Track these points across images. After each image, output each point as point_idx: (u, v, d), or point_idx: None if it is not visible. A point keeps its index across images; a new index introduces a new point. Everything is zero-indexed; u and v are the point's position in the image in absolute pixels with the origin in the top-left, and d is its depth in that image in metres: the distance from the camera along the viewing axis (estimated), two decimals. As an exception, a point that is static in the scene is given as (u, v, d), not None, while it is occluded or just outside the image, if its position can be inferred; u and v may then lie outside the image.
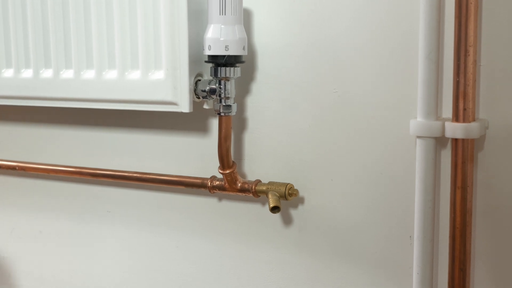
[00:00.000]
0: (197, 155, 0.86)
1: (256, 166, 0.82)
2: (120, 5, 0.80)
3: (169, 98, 0.78)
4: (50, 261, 1.03)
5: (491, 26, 0.66)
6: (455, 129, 0.66)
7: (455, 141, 0.67)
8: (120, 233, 0.96)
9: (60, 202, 1.00)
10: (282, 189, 0.77)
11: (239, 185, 0.80)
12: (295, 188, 0.79)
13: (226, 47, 0.74)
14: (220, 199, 0.86)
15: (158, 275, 0.93)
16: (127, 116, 0.91)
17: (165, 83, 0.78)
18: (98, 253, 0.98)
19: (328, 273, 0.79)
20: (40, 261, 1.04)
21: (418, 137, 0.69)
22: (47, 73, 0.87)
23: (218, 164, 0.80)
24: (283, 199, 0.77)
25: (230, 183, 0.80)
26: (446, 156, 0.70)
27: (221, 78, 0.76)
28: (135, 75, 0.81)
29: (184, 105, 0.77)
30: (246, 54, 0.76)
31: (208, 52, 0.75)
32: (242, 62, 0.76)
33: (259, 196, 0.80)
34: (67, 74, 0.86)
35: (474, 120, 0.66)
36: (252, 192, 0.79)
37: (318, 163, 0.78)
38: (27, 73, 0.88)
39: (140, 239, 0.94)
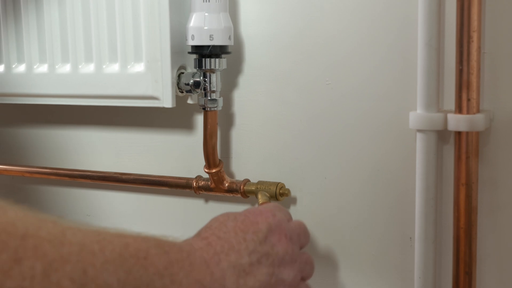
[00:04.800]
0: (181, 153, 0.82)
1: (245, 165, 0.79)
2: (96, -7, 0.76)
3: (150, 92, 0.74)
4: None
5: (496, 10, 0.63)
6: (458, 121, 0.62)
7: (458, 134, 0.63)
8: (100, 238, 0.92)
9: (36, 206, 0.96)
10: (273, 188, 0.74)
11: (227, 185, 0.77)
12: (286, 187, 0.75)
13: (211, 37, 0.70)
14: (206, 200, 0.83)
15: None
16: (105, 112, 0.87)
17: (146, 76, 0.74)
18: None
19: (321, 278, 0.76)
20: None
21: (419, 130, 0.65)
22: (20, 68, 0.83)
23: (203, 163, 0.76)
24: (274, 200, 0.74)
25: (217, 183, 0.77)
26: (449, 151, 0.66)
27: (206, 70, 0.72)
28: (113, 68, 0.77)
29: (166, 100, 0.73)
30: (232, 44, 0.72)
31: (191, 42, 0.71)
32: (228, 53, 0.72)
33: (248, 196, 0.76)
34: (41, 68, 0.82)
35: (478, 111, 0.63)
36: (241, 192, 0.76)
37: (311, 161, 0.74)
38: (-1, 68, 0.84)
39: (122, 244, 0.90)
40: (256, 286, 0.52)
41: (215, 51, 0.71)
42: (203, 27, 0.70)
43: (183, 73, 0.75)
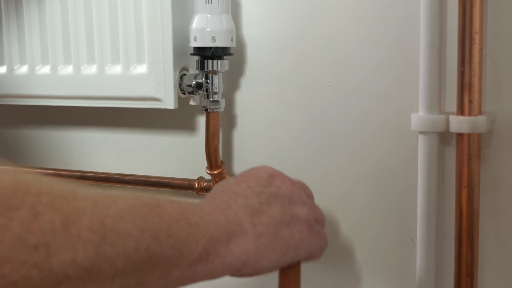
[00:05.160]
0: (183, 154, 0.82)
1: (247, 166, 0.77)
2: (99, -6, 0.76)
3: (152, 93, 0.74)
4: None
5: (498, 12, 0.62)
6: (460, 123, 0.62)
7: (460, 136, 0.63)
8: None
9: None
10: (275, 190, 0.73)
11: (228, 186, 0.76)
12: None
13: (213, 38, 0.70)
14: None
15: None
16: (108, 113, 0.87)
17: (148, 78, 0.74)
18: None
19: (323, 279, 0.75)
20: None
21: (420, 132, 0.65)
22: (23, 69, 0.83)
23: (206, 164, 0.76)
24: (276, 201, 0.73)
25: (219, 185, 0.76)
26: (451, 153, 0.66)
27: (208, 72, 0.72)
28: (115, 70, 0.76)
29: (168, 101, 0.73)
30: (235, 46, 0.72)
31: (193, 44, 0.71)
32: (230, 54, 0.72)
33: (250, 198, 0.75)
34: (43, 70, 0.81)
35: (480, 113, 0.62)
36: (242, 193, 0.75)
37: (313, 162, 0.74)
38: (1, 70, 0.84)
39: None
40: (273, 223, 0.51)
41: (217, 53, 0.71)
42: (205, 28, 0.70)
43: (185, 74, 0.75)
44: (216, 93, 0.73)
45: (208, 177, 0.77)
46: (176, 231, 0.43)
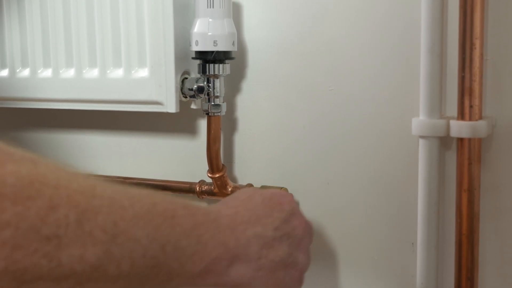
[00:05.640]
0: (184, 158, 0.82)
1: (248, 169, 0.79)
2: (101, -2, 0.76)
3: (153, 97, 0.74)
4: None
5: (499, 17, 0.63)
6: (460, 128, 0.62)
7: (460, 140, 0.63)
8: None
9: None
10: (276, 193, 0.73)
11: (230, 189, 0.76)
12: (289, 192, 0.75)
13: (215, 42, 0.70)
14: (209, 204, 0.82)
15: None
16: (109, 116, 0.87)
17: (150, 81, 0.74)
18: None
19: (323, 282, 0.76)
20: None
21: (421, 136, 0.65)
22: (24, 72, 0.83)
23: (207, 167, 0.76)
24: (277, 204, 0.73)
25: (220, 188, 0.76)
26: (451, 157, 0.66)
27: (210, 76, 0.72)
28: (117, 73, 0.77)
29: (170, 105, 0.73)
30: (236, 50, 0.73)
31: (195, 48, 0.71)
32: (231, 58, 0.72)
33: (251, 201, 0.76)
34: (45, 73, 0.81)
35: (481, 118, 0.63)
36: (243, 197, 0.75)
37: (314, 166, 0.74)
38: (3, 73, 0.84)
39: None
40: (276, 261, 0.53)
41: (219, 57, 0.71)
42: (207, 33, 0.70)
43: (186, 78, 0.75)
44: (217, 97, 0.73)
45: (209, 180, 0.78)
46: (184, 245, 0.44)
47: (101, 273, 0.38)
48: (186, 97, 0.75)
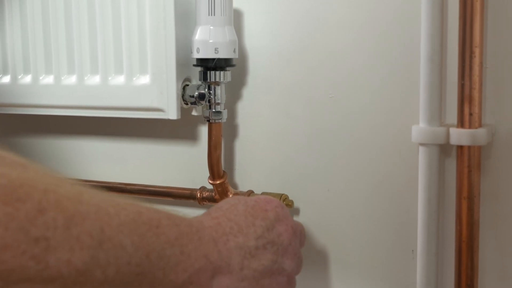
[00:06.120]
0: (185, 164, 0.83)
1: (248, 176, 0.79)
2: (103, 5, 0.76)
3: (155, 104, 0.74)
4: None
5: (498, 26, 0.63)
6: (460, 136, 0.63)
7: (460, 148, 0.63)
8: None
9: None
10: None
11: (231, 196, 0.77)
12: (289, 199, 0.75)
13: (216, 50, 0.70)
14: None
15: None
16: (110, 123, 0.87)
17: (151, 88, 0.74)
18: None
19: (325, 289, 0.76)
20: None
21: (421, 144, 0.66)
22: (26, 79, 0.83)
23: (207, 174, 0.76)
24: (277, 211, 0.73)
25: (221, 194, 0.77)
26: (451, 164, 0.67)
27: (211, 83, 0.72)
28: (119, 80, 0.77)
29: (171, 112, 0.74)
30: (237, 57, 0.73)
31: (196, 55, 0.71)
32: (232, 65, 0.73)
33: (252, 207, 0.76)
34: (47, 79, 0.82)
35: (480, 125, 0.63)
36: (244, 203, 0.75)
37: (314, 173, 0.75)
38: (5, 79, 0.84)
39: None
40: (259, 270, 0.53)
41: (220, 64, 0.71)
42: (208, 40, 0.70)
43: (188, 85, 0.75)
44: (218, 103, 0.73)
45: (210, 187, 0.78)
46: (168, 255, 0.45)
47: (87, 278, 0.38)
48: (187, 104, 0.75)
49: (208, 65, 0.71)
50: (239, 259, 0.52)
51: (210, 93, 0.73)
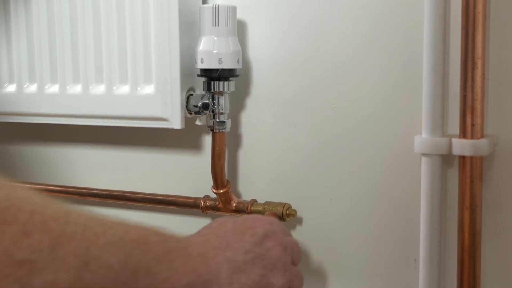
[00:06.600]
0: (189, 173, 0.83)
1: (252, 185, 0.79)
2: (108, 16, 0.77)
3: (159, 113, 0.75)
4: None
5: (500, 37, 0.64)
6: (463, 146, 0.63)
7: (462, 158, 0.64)
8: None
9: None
10: (280, 209, 0.74)
11: (234, 205, 0.77)
12: (292, 208, 0.75)
13: (220, 60, 0.71)
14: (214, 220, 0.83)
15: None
16: (115, 132, 0.88)
17: (155, 98, 0.75)
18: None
19: (327, 298, 0.76)
20: None
21: (423, 154, 0.66)
22: (32, 88, 0.84)
23: (211, 183, 0.76)
24: (281, 220, 0.74)
25: (224, 203, 0.77)
26: (453, 175, 0.67)
27: (214, 93, 0.73)
28: (123, 89, 0.77)
29: (175, 121, 0.74)
30: (241, 67, 0.73)
31: (200, 66, 0.72)
32: (236, 75, 0.73)
33: (255, 216, 0.76)
34: (52, 89, 0.82)
35: (482, 136, 0.63)
36: (248, 212, 0.76)
37: (317, 182, 0.75)
38: (11, 88, 0.85)
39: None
40: (248, 284, 0.53)
41: (224, 74, 0.72)
42: (212, 50, 0.71)
43: (192, 95, 0.75)
44: (222, 113, 0.74)
45: (214, 195, 0.78)
46: (156, 271, 0.45)
47: None
48: (191, 114, 0.76)
49: (212, 75, 0.72)
50: (228, 273, 0.52)
51: (214, 103, 0.73)
